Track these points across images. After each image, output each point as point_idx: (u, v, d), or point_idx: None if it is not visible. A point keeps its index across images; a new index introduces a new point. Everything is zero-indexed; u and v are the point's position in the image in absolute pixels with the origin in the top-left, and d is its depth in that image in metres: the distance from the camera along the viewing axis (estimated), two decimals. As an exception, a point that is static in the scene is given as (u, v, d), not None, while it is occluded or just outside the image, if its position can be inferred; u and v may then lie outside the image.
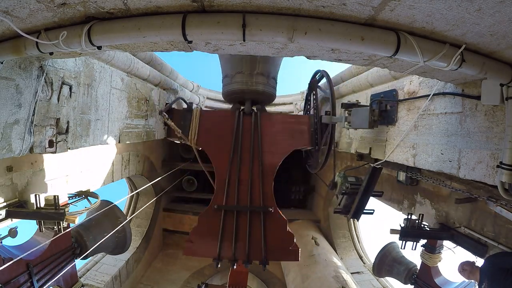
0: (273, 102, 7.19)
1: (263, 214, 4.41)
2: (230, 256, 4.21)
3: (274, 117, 5.30)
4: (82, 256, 3.93)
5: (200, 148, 5.02)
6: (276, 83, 5.91)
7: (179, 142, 5.67)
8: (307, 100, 6.44)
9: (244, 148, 4.87)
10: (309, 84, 6.02)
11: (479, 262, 3.44)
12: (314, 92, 5.62)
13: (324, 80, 5.43)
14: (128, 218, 5.37)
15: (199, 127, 4.95)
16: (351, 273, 6.95)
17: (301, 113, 7.90)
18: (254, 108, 5.53)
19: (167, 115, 4.51)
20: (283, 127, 5.09)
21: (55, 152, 2.63)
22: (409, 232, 4.04)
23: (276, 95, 5.99)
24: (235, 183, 4.62)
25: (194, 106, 5.67)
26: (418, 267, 4.77)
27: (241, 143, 4.90)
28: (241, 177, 4.68)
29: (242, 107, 5.44)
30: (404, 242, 4.19)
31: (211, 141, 4.96)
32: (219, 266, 4.17)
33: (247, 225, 4.33)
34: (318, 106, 5.37)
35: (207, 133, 4.97)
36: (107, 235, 4.10)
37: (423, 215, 4.21)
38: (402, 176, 4.65)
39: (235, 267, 4.22)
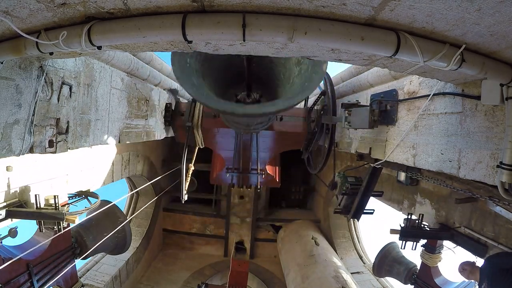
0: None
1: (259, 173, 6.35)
2: (238, 185, 6.87)
3: (271, 133, 5.84)
4: (83, 256, 3.93)
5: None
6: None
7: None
8: (306, 100, 6.44)
9: (244, 151, 5.92)
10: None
11: (479, 262, 3.44)
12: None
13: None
14: (129, 218, 5.38)
15: (203, 137, 5.68)
16: (351, 273, 6.95)
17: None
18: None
19: None
20: (279, 139, 6.09)
21: (55, 152, 2.63)
22: (409, 232, 4.04)
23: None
24: (239, 164, 6.24)
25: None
26: (418, 267, 4.77)
27: (242, 149, 5.89)
28: (242, 164, 6.31)
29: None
30: (404, 242, 4.19)
31: (216, 144, 6.23)
32: (234, 186, 6.89)
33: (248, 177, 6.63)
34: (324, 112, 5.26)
35: (211, 141, 6.04)
36: (107, 235, 4.10)
37: (423, 215, 4.21)
38: (402, 176, 4.65)
39: (243, 189, 7.08)
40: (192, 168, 5.37)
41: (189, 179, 5.15)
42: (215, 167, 7.16)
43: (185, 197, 4.92)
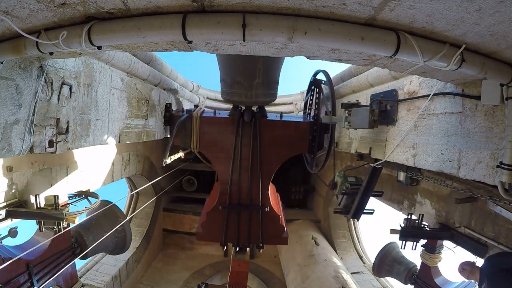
0: (273, 102, 7.21)
1: (261, 211, 4.95)
2: (233, 241, 5.00)
3: (273, 123, 5.35)
4: (80, 255, 3.92)
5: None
6: (278, 84, 5.86)
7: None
8: (307, 100, 6.45)
9: (244, 155, 5.17)
10: (310, 83, 6.00)
11: (479, 262, 3.44)
12: (318, 90, 5.57)
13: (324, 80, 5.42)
14: (128, 217, 5.37)
15: (200, 133, 5.19)
16: (351, 273, 6.95)
17: (301, 113, 7.93)
18: (254, 109, 5.52)
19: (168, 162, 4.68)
20: (282, 135, 5.34)
21: (55, 152, 2.63)
22: (409, 232, 4.04)
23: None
24: (237, 186, 5.06)
25: (194, 106, 5.74)
26: (418, 267, 4.77)
27: (241, 150, 5.16)
28: (241, 182, 5.10)
29: (242, 109, 5.40)
30: (404, 242, 4.20)
31: (213, 147, 5.30)
32: (225, 248, 5.16)
33: (247, 219, 4.98)
34: (320, 106, 5.37)
35: (208, 140, 5.25)
36: (107, 235, 4.10)
37: (423, 215, 4.21)
38: (402, 176, 4.65)
39: (237, 249, 5.07)
40: (182, 155, 5.10)
41: (175, 156, 4.88)
42: (206, 207, 5.46)
43: (167, 161, 4.54)
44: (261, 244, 4.93)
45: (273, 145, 5.25)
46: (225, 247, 4.96)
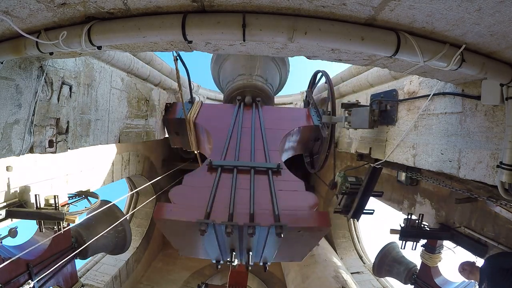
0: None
1: (271, 172, 3.21)
2: (224, 216, 2.36)
3: (274, 108, 5.78)
4: (79, 249, 3.91)
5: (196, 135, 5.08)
6: (274, 89, 6.21)
7: (177, 135, 5.61)
8: (307, 101, 6.47)
9: (245, 126, 4.48)
10: (308, 86, 6.11)
11: (479, 262, 3.44)
12: (312, 101, 5.82)
13: (324, 80, 5.46)
14: (126, 215, 5.37)
15: (199, 111, 5.26)
16: (351, 273, 6.95)
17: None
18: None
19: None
20: (284, 115, 5.41)
21: (55, 152, 2.63)
22: (409, 232, 4.04)
23: (276, 95, 6.24)
24: (236, 142, 3.83)
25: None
26: (418, 267, 4.77)
27: (241, 123, 4.51)
28: (242, 141, 3.98)
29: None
30: (404, 242, 4.19)
31: (210, 120, 4.88)
32: (205, 232, 2.07)
33: (252, 190, 2.81)
34: (318, 108, 5.44)
35: (206, 114, 5.20)
36: (106, 234, 4.10)
37: (423, 215, 4.21)
38: (402, 176, 4.65)
39: (228, 229, 2.14)
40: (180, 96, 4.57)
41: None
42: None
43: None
44: (278, 217, 2.31)
45: (277, 120, 4.84)
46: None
